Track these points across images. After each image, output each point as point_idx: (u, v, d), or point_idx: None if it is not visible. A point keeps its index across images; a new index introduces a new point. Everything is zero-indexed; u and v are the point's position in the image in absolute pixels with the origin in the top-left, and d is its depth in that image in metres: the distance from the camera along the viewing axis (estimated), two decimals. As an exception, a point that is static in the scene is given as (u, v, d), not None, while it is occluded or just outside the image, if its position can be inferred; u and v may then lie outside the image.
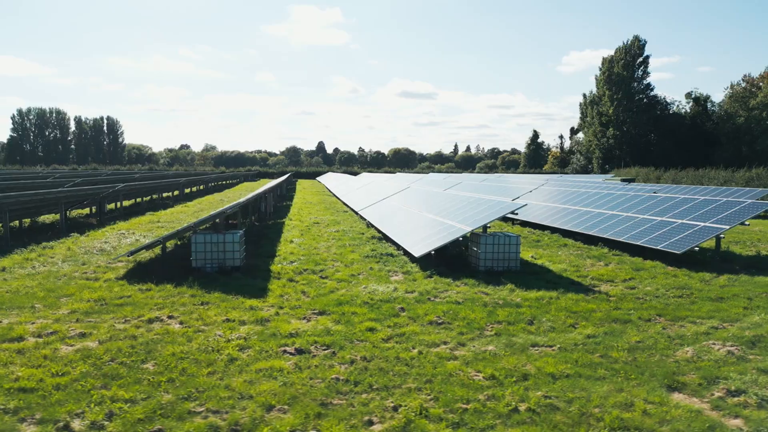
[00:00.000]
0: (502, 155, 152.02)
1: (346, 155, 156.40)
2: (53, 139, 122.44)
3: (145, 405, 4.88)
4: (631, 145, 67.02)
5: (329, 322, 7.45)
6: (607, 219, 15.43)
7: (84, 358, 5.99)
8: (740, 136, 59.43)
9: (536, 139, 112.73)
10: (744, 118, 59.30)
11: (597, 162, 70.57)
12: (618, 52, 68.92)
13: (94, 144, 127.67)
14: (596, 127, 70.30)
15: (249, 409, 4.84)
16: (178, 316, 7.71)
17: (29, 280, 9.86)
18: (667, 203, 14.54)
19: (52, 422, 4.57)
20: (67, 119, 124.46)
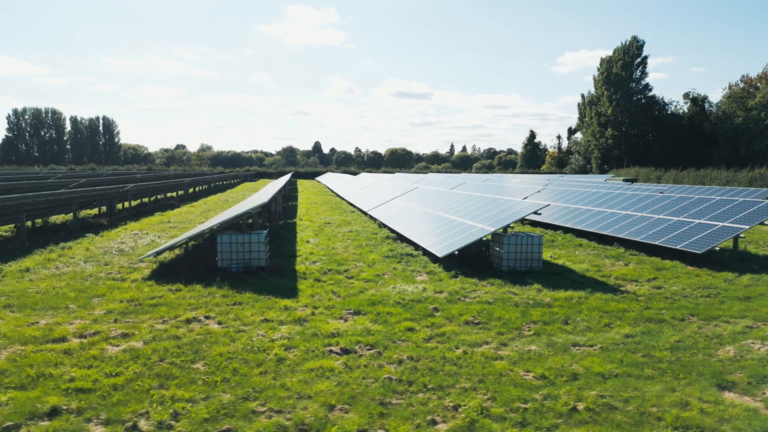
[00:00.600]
0: (498, 155, 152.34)
1: (342, 155, 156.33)
2: (49, 139, 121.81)
3: (207, 405, 4.90)
4: (629, 145, 67.31)
5: (367, 322, 7.47)
6: (621, 219, 15.51)
7: (133, 359, 6.00)
8: (738, 136, 59.76)
9: (533, 139, 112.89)
10: (742, 118, 59.62)
11: (596, 162, 70.82)
12: (616, 52, 69.17)
13: (89, 144, 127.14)
14: (595, 127, 70.54)
15: (311, 408, 4.86)
16: (214, 316, 7.73)
17: (56, 280, 9.84)
18: (682, 203, 14.63)
19: (119, 422, 4.58)
20: (62, 119, 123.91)
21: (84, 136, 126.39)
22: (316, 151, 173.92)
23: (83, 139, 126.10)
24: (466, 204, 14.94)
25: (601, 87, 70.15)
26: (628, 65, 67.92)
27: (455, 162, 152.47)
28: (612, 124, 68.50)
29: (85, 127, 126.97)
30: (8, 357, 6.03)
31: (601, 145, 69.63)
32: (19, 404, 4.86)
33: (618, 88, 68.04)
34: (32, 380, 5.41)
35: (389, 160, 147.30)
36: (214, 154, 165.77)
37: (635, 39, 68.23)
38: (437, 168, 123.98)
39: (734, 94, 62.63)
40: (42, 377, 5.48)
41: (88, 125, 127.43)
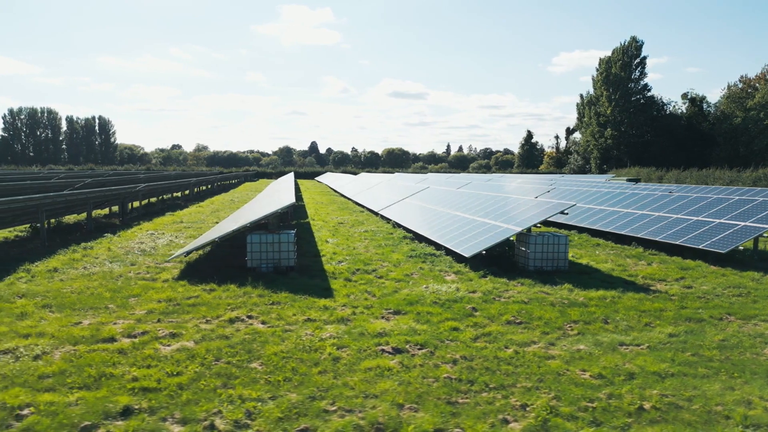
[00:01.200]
0: (495, 155, 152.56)
1: (339, 155, 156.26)
2: (45, 138, 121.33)
3: (277, 404, 4.91)
4: (628, 145, 67.54)
5: (411, 322, 7.50)
6: (638, 219, 15.58)
7: (189, 358, 6.01)
8: (737, 136, 60.06)
9: (530, 140, 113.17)
10: (741, 118, 59.93)
11: (595, 162, 71.04)
12: (615, 52, 69.41)
13: (85, 144, 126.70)
14: (594, 127, 70.75)
15: (380, 408, 4.89)
16: (257, 315, 7.74)
17: (87, 280, 9.83)
18: (700, 203, 14.71)
19: (195, 421, 4.60)
20: (58, 119, 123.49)
21: (80, 136, 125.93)
22: (312, 151, 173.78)
23: (79, 139, 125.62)
24: (484, 204, 14.98)
25: (600, 87, 70.37)
26: (627, 65, 68.16)
27: (452, 162, 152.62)
28: (611, 124, 68.73)
29: (81, 126, 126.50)
30: (63, 357, 6.03)
31: (600, 145, 69.86)
32: (90, 404, 4.87)
33: (617, 88, 68.28)
34: (95, 380, 5.41)
35: (386, 160, 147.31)
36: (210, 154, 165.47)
37: (634, 39, 68.51)
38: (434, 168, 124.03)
39: (733, 94, 62.96)
40: (104, 377, 5.48)
41: (84, 125, 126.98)
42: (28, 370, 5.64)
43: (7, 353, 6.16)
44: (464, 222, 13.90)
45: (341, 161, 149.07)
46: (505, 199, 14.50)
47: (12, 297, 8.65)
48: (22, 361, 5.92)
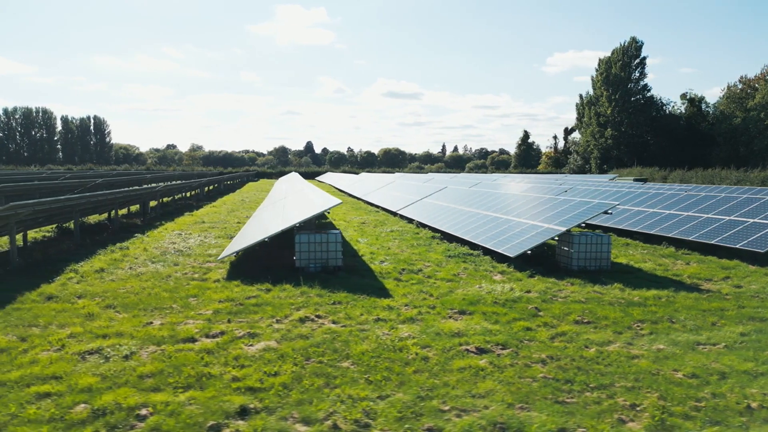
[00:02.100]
0: (491, 155, 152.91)
1: (336, 155, 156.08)
2: (40, 138, 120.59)
3: (389, 404, 4.93)
4: (628, 145, 67.80)
5: (482, 322, 7.52)
6: (666, 218, 15.67)
7: (280, 358, 6.01)
8: (737, 136, 60.41)
9: (527, 140, 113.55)
10: (741, 118, 60.30)
11: (595, 162, 71.29)
12: (615, 53, 69.66)
13: (80, 144, 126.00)
14: (594, 127, 70.99)
15: (493, 408, 4.90)
16: (325, 315, 7.74)
17: (138, 281, 9.80)
18: (730, 203, 14.81)
19: (317, 421, 4.60)
20: (53, 119, 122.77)
21: (75, 136, 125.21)
22: (308, 151, 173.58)
23: (74, 138, 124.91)
24: (514, 203, 15.02)
25: (600, 87, 70.62)
26: (626, 66, 68.43)
27: (448, 162, 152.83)
28: (611, 125, 68.99)
29: (76, 126, 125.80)
30: (154, 357, 6.02)
31: (600, 145, 70.12)
32: (203, 404, 4.87)
33: (617, 88, 68.53)
34: (196, 380, 5.41)
35: (383, 160, 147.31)
36: (205, 153, 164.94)
37: (634, 40, 68.79)
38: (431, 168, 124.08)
39: (732, 94, 63.34)
40: (203, 377, 5.48)
41: (79, 125, 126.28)
42: (125, 370, 5.63)
43: (93, 353, 6.14)
44: (498, 222, 13.93)
45: (338, 161, 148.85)
46: (537, 199, 14.54)
47: (71, 297, 8.61)
48: (113, 361, 5.91)
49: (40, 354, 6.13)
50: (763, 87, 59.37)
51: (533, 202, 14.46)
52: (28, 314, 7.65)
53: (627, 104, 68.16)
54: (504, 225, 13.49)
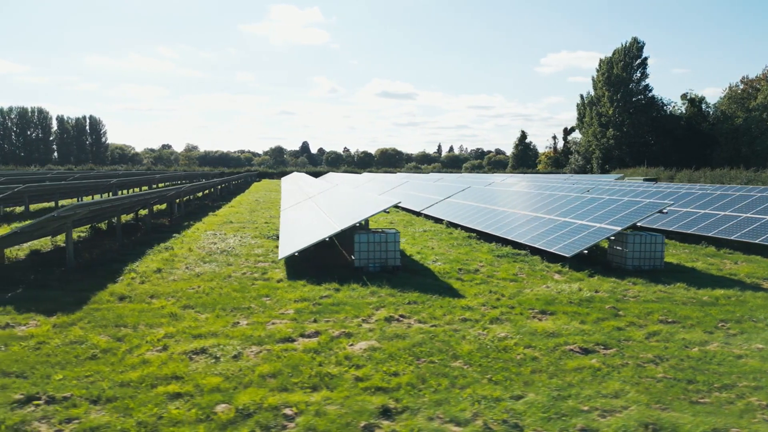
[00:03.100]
0: (488, 156, 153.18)
1: (333, 155, 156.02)
2: (35, 138, 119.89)
3: (526, 403, 4.90)
4: (630, 145, 68.11)
5: (571, 322, 7.51)
6: (703, 218, 15.72)
7: (390, 358, 5.98)
8: (739, 136, 60.82)
9: (524, 140, 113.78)
10: (742, 119, 60.73)
11: (597, 162, 71.54)
12: (617, 53, 70.01)
13: (76, 144, 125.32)
14: (596, 127, 71.27)
15: (632, 408, 4.87)
16: (408, 315, 7.71)
17: (201, 281, 9.75)
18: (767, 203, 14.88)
19: (465, 422, 4.57)
20: (49, 119, 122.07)
21: (71, 136, 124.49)
22: (304, 151, 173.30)
23: (70, 138, 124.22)
24: (557, 203, 15.03)
25: (602, 88, 70.91)
26: (628, 66, 68.76)
27: (445, 162, 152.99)
28: (613, 125, 69.28)
29: (71, 126, 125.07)
30: (263, 357, 5.97)
31: (602, 145, 70.39)
32: (342, 404, 4.83)
33: (618, 89, 68.86)
34: (320, 380, 5.37)
35: (380, 160, 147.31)
36: (201, 154, 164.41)
37: (635, 40, 69.14)
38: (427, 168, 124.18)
39: (734, 94, 63.79)
40: (326, 377, 5.44)
41: (74, 125, 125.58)
42: (242, 370, 5.58)
43: (198, 353, 6.09)
44: (542, 221, 13.93)
45: (334, 161, 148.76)
46: (578, 199, 14.56)
47: (143, 297, 8.55)
48: (224, 361, 5.86)
49: (147, 354, 6.07)
50: (765, 87, 59.80)
51: (574, 201, 14.46)
52: (110, 314, 7.58)
53: (628, 104, 68.51)
54: (549, 225, 13.49)
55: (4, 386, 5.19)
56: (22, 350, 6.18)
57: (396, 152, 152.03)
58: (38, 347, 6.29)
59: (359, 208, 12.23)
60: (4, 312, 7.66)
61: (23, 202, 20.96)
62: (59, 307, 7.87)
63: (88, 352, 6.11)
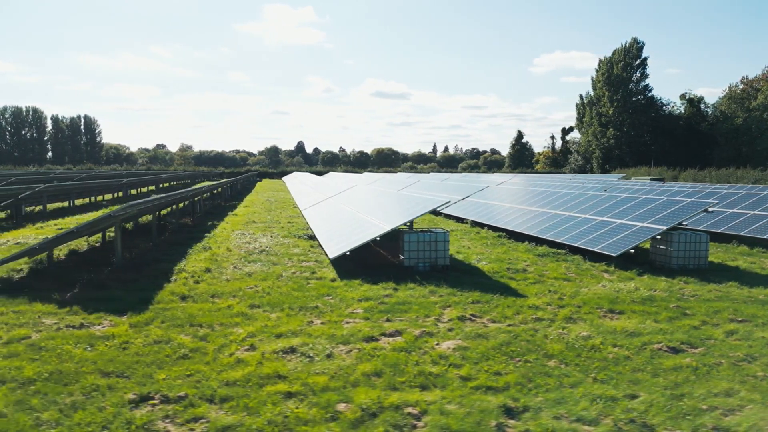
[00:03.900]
0: (483, 155, 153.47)
1: (329, 155, 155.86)
2: (30, 138, 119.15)
3: (646, 403, 4.89)
4: (630, 145, 68.39)
5: (645, 321, 7.52)
6: (732, 217, 15.80)
7: (485, 358, 5.97)
8: (739, 136, 61.21)
9: (521, 140, 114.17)
10: (742, 119, 61.13)
11: (597, 162, 71.80)
12: (616, 53, 70.29)
13: (71, 143, 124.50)
14: (596, 127, 71.53)
15: (752, 407, 4.88)
16: (480, 315, 7.71)
17: (254, 280, 9.71)
18: (798, 202, 14.99)
19: (593, 421, 4.56)
20: (44, 118, 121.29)
21: (65, 136, 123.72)
22: (299, 150, 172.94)
23: (64, 138, 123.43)
24: (586, 202, 15.06)
25: (602, 88, 71.18)
26: (628, 66, 69.07)
27: (441, 162, 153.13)
28: (613, 125, 69.57)
29: (66, 126, 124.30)
30: (357, 356, 5.96)
31: (602, 145, 70.65)
32: (461, 403, 4.81)
33: (618, 89, 69.15)
34: (425, 378, 5.35)
35: (376, 160, 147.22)
36: (196, 153, 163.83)
37: (635, 40, 69.46)
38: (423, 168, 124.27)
39: (734, 94, 64.22)
40: (430, 375, 5.42)
41: (69, 124, 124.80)
42: (344, 369, 5.55)
43: (288, 353, 6.05)
44: (577, 221, 13.95)
45: (330, 161, 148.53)
46: (611, 198, 14.59)
47: (205, 297, 8.51)
48: (319, 360, 5.83)
49: (238, 354, 6.03)
50: (766, 87, 60.23)
51: (607, 201, 14.50)
52: (181, 314, 7.53)
53: (628, 104, 68.79)
54: (585, 224, 13.51)
55: (110, 386, 5.14)
56: (110, 350, 6.12)
57: (392, 152, 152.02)
58: (124, 347, 6.24)
59: (404, 207, 12.22)
60: (72, 312, 7.60)
61: (41, 201, 20.80)
62: (126, 307, 7.82)
63: (178, 352, 6.06)
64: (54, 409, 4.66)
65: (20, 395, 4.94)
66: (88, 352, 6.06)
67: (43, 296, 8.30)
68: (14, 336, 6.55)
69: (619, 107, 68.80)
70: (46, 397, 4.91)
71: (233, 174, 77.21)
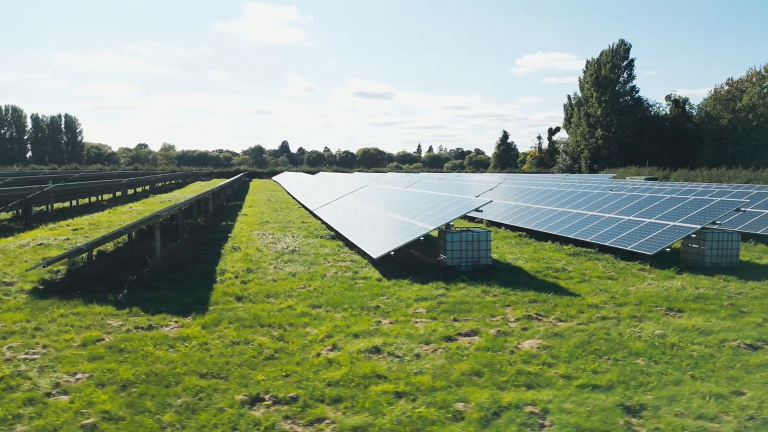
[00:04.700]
0: (468, 155, 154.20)
1: (314, 155, 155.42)
2: (9, 137, 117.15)
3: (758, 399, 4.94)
4: (618, 145, 69.15)
5: (708, 317, 7.59)
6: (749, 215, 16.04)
7: (573, 357, 5.98)
8: (725, 136, 62.24)
9: (506, 140, 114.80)
10: (727, 119, 62.18)
11: (585, 162, 72.49)
12: (604, 55, 71.08)
13: (51, 143, 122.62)
14: (584, 128, 72.23)
15: None
16: (544, 314, 7.74)
17: (302, 280, 9.65)
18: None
19: (714, 418, 4.60)
20: (23, 117, 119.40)
21: (45, 135, 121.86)
22: (284, 150, 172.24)
23: (45, 138, 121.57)
24: (607, 202, 15.19)
25: (590, 89, 71.90)
26: (616, 67, 69.87)
27: (426, 161, 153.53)
28: (601, 125, 70.29)
29: (46, 125, 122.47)
30: (446, 356, 5.93)
31: (591, 145, 71.35)
32: (577, 402, 4.82)
33: (606, 89, 69.92)
34: (526, 377, 5.35)
35: (362, 159, 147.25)
36: (179, 153, 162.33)
37: (622, 42, 70.30)
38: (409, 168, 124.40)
39: (719, 95, 65.30)
40: (530, 375, 5.43)
41: (49, 123, 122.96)
42: (443, 368, 5.54)
43: (373, 352, 6.02)
44: (603, 220, 14.06)
45: (316, 161, 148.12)
46: (633, 198, 14.73)
47: (260, 297, 8.45)
48: (410, 360, 5.82)
49: (324, 354, 5.99)
50: (751, 89, 61.33)
51: (630, 200, 14.63)
52: (245, 314, 7.46)
53: (616, 105, 69.57)
54: (612, 223, 13.62)
55: (213, 387, 5.07)
56: (192, 351, 6.05)
57: (378, 152, 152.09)
58: (205, 348, 6.16)
59: (439, 207, 12.23)
60: (133, 313, 7.49)
61: (48, 201, 20.47)
62: (185, 308, 7.74)
63: (263, 353, 6.00)
64: (171, 411, 4.59)
65: (127, 398, 4.85)
66: (171, 354, 5.97)
67: (96, 297, 8.17)
68: (87, 338, 6.43)
69: (607, 108, 69.56)
70: (155, 399, 4.83)
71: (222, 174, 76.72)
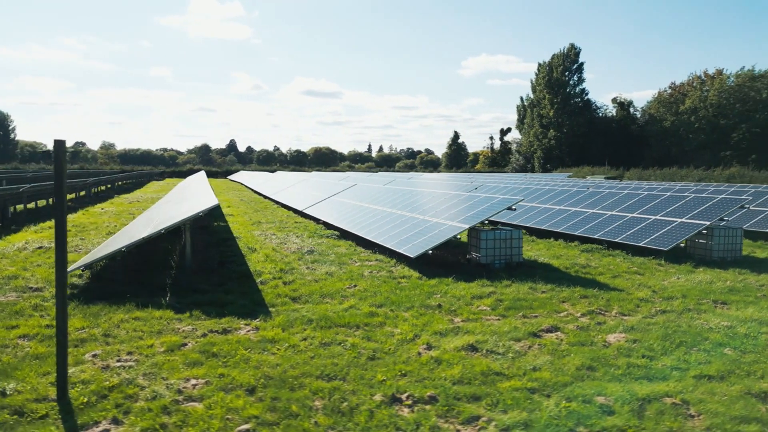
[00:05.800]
0: (419, 155, 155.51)
1: (264, 154, 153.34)
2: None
3: None
4: (570, 145, 71.18)
5: (758, 310, 7.95)
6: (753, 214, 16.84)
7: (665, 352, 6.17)
8: (668, 137, 65.01)
9: (457, 140, 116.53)
10: (670, 122, 65.01)
11: (538, 162, 74.29)
12: (556, 58, 73.07)
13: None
14: (537, 128, 74.04)
15: None
16: (606, 310, 7.93)
17: (342, 282, 9.58)
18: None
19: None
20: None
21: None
22: (231, 149, 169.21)
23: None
24: (606, 200, 15.66)
25: (542, 90, 73.77)
26: (567, 70, 71.92)
27: (378, 161, 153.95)
28: (553, 126, 72.20)
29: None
30: (547, 352, 6.01)
31: (543, 145, 73.20)
32: (703, 391, 4.98)
33: (558, 91, 71.89)
34: (639, 370, 5.49)
35: (313, 158, 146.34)
36: (120, 151, 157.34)
37: (573, 46, 72.48)
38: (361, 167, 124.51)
39: (662, 98, 68.22)
40: (644, 368, 5.57)
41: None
42: (553, 364, 5.62)
43: (471, 350, 6.05)
44: (606, 218, 14.48)
45: (266, 160, 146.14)
46: (632, 196, 15.24)
47: (315, 298, 8.38)
48: (513, 357, 5.89)
49: (425, 353, 5.98)
50: (692, 93, 64.30)
51: (629, 199, 15.11)
52: (312, 315, 7.38)
53: (567, 107, 71.62)
54: (618, 220, 14.05)
55: (338, 388, 5.00)
56: (289, 354, 5.94)
57: (330, 151, 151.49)
58: (299, 351, 6.05)
59: (465, 206, 12.33)
60: (194, 317, 7.28)
61: (22, 201, 19.51)
62: (247, 311, 7.61)
63: (363, 353, 5.95)
64: (319, 414, 4.48)
65: (264, 402, 4.73)
66: (269, 357, 5.84)
67: (146, 302, 7.89)
68: (169, 343, 6.21)
69: (559, 109, 71.53)
70: (292, 402, 4.72)
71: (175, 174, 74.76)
